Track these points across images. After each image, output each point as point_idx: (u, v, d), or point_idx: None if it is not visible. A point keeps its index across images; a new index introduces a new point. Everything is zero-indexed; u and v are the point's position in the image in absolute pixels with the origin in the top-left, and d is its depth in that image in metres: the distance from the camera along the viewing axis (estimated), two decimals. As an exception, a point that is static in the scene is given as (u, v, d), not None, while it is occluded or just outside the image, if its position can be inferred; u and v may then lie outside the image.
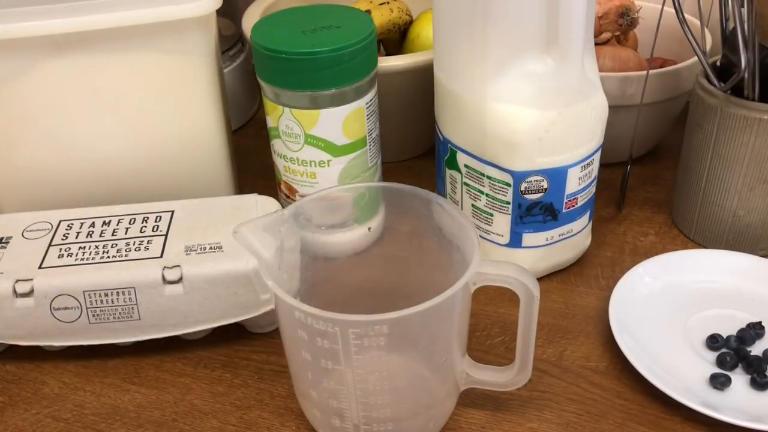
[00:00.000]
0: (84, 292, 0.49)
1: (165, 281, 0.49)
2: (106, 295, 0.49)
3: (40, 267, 0.50)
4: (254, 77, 0.69)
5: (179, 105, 0.58)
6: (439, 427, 0.47)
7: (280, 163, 0.57)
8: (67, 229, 0.53)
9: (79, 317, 0.50)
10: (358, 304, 0.48)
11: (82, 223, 0.54)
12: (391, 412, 0.42)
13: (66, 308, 0.50)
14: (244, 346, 0.54)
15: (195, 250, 0.51)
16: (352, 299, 0.49)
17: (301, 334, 0.40)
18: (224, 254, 0.50)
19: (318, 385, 0.42)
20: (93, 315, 0.50)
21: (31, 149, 0.57)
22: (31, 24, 0.51)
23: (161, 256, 0.51)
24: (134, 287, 0.49)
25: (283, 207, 0.52)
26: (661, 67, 0.67)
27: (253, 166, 0.74)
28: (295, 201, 0.56)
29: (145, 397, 0.51)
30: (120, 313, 0.50)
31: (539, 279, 0.59)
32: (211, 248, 0.51)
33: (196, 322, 0.51)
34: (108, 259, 0.50)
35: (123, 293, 0.49)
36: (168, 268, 0.50)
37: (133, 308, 0.50)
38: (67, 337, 0.51)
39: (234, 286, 0.50)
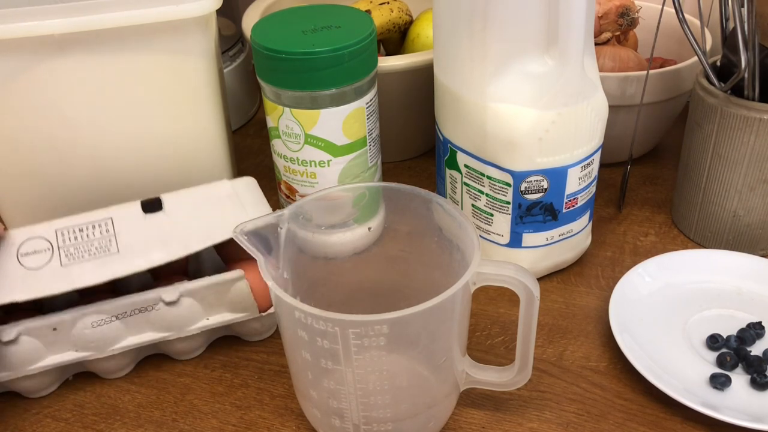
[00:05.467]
0: (56, 230, 0.48)
1: (145, 210, 0.49)
2: (81, 230, 0.48)
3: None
4: (254, 77, 0.69)
5: (179, 105, 0.58)
6: (439, 427, 0.47)
7: (280, 163, 0.57)
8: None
9: (50, 260, 0.48)
10: (358, 304, 0.48)
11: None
12: (391, 412, 0.42)
13: (35, 252, 0.47)
14: (244, 346, 0.54)
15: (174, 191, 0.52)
16: (352, 299, 0.49)
17: (301, 334, 0.40)
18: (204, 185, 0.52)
19: (318, 385, 0.42)
20: (66, 255, 0.48)
21: (31, 149, 0.57)
22: (31, 24, 0.51)
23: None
24: (111, 217, 0.49)
25: (283, 207, 0.52)
26: (661, 67, 0.67)
27: (253, 166, 0.74)
28: (295, 201, 0.56)
29: (145, 397, 0.51)
30: (96, 248, 0.48)
31: (539, 279, 0.59)
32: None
33: (178, 249, 0.49)
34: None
35: (100, 226, 0.48)
36: (147, 200, 0.50)
37: (110, 240, 0.48)
38: (32, 288, 0.47)
39: (218, 204, 0.50)
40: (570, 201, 0.55)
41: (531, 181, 0.53)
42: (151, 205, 0.50)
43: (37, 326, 0.48)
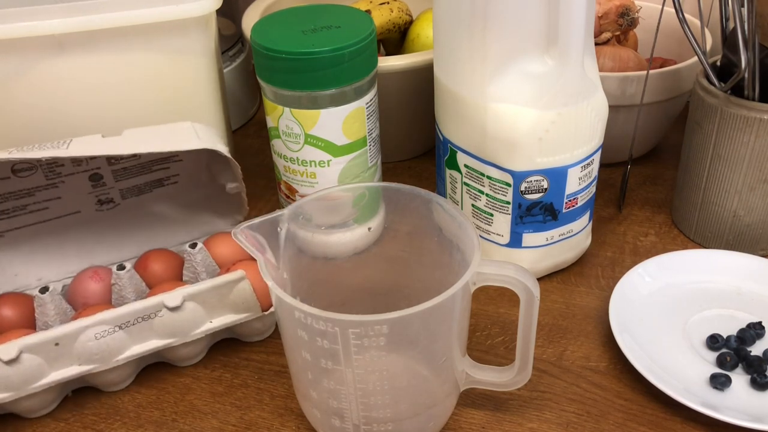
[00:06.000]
0: (25, 145, 0.50)
1: (104, 136, 0.51)
2: (45, 144, 0.50)
3: None
4: (254, 77, 0.69)
5: (179, 105, 0.58)
6: (439, 427, 0.47)
7: (280, 163, 0.57)
8: None
9: (2, 153, 0.49)
10: (358, 304, 0.48)
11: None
12: (391, 412, 0.42)
13: None
14: (244, 346, 0.54)
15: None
16: (352, 299, 0.49)
17: (301, 334, 0.40)
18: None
19: (318, 385, 0.42)
20: (18, 150, 0.49)
21: (31, 149, 0.57)
22: (31, 24, 0.51)
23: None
24: (72, 138, 0.50)
25: (283, 207, 0.52)
26: (661, 67, 0.67)
27: (253, 166, 0.74)
28: (295, 201, 0.56)
29: (145, 397, 0.51)
30: (48, 147, 0.49)
31: (539, 279, 0.59)
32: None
33: (122, 147, 0.51)
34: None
35: (60, 141, 0.50)
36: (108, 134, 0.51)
37: (63, 144, 0.50)
38: None
39: (174, 131, 0.52)
40: (570, 201, 0.55)
41: (531, 181, 0.53)
42: (112, 136, 0.52)
43: (39, 342, 0.47)
